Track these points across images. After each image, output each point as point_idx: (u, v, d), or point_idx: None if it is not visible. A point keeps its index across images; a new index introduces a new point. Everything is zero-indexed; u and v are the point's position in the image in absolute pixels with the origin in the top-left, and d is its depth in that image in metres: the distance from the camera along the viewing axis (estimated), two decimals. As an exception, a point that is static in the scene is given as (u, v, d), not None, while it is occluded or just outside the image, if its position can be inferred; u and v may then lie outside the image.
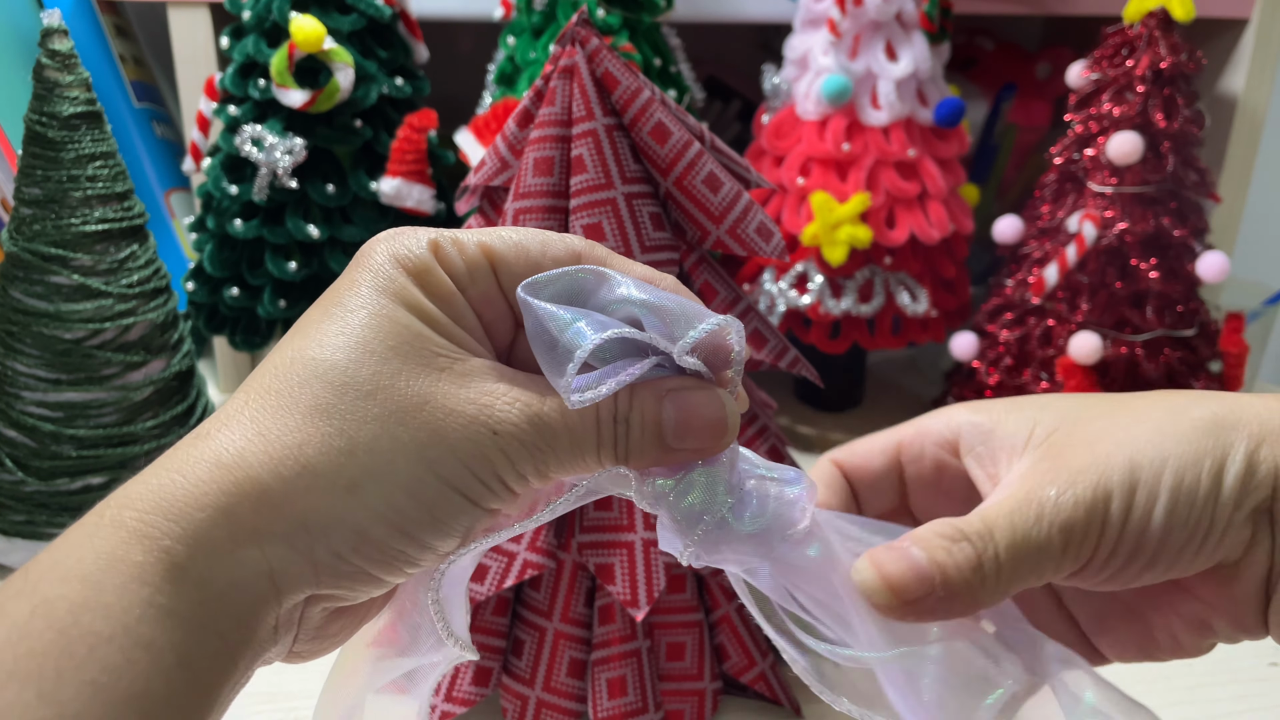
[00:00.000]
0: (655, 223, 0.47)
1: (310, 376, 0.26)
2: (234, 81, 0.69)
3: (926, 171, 0.72)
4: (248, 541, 0.25)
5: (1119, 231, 0.66)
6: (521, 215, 0.46)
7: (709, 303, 0.49)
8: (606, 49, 0.45)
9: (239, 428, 0.26)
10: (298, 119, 0.68)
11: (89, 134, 0.57)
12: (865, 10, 0.69)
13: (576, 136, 0.46)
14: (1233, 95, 0.82)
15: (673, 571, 0.48)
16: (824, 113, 0.71)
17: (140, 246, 0.60)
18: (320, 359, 0.26)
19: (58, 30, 0.56)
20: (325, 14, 0.68)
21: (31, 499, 0.59)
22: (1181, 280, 0.67)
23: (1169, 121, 0.65)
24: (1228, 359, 0.69)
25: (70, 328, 0.58)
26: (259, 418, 0.26)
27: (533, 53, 0.71)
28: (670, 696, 0.50)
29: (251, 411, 0.26)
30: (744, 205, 0.47)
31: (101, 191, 0.58)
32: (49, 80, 0.56)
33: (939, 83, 0.73)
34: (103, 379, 0.59)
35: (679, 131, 0.46)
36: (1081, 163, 0.68)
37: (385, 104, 0.71)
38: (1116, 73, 0.66)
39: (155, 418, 0.61)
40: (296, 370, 0.26)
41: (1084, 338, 0.66)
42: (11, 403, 0.59)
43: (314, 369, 0.26)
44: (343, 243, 0.70)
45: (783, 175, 0.73)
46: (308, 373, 0.26)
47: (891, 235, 0.71)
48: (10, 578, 0.25)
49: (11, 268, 0.58)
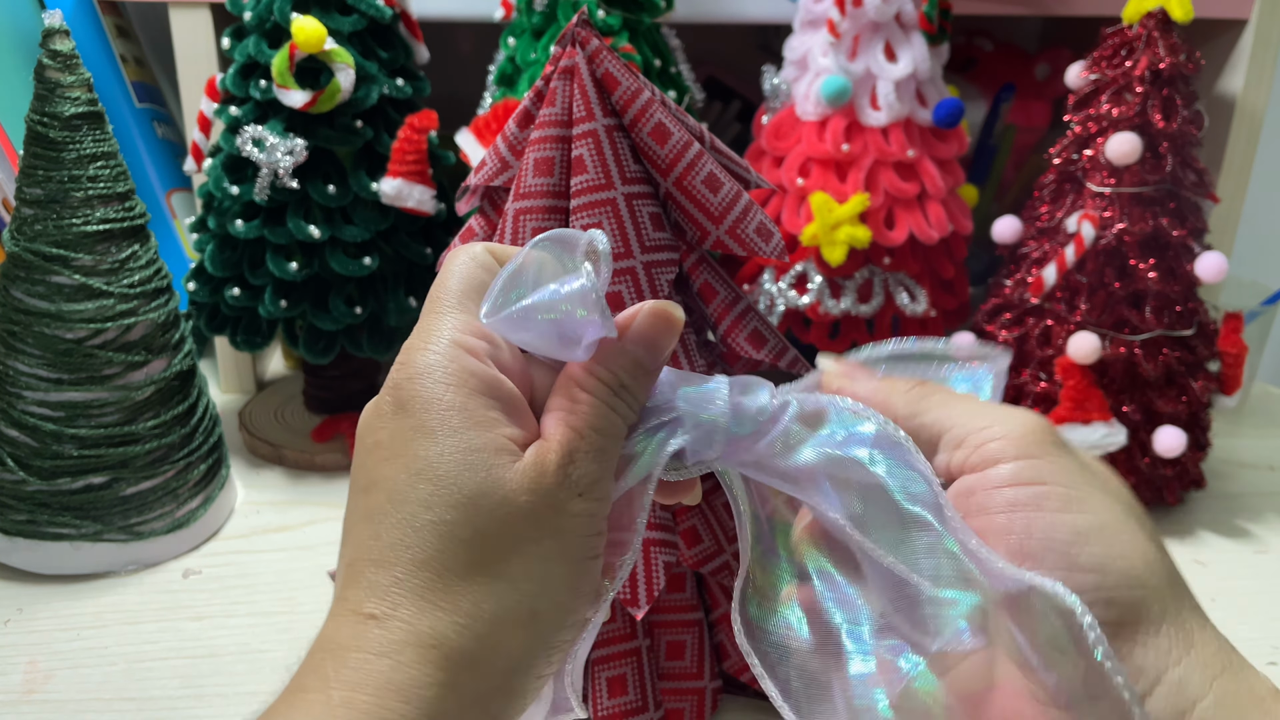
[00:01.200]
0: (655, 223, 0.47)
1: (447, 539, 0.28)
2: (235, 82, 0.69)
3: (925, 172, 0.72)
4: (472, 705, 0.28)
5: (1118, 232, 0.66)
6: (522, 215, 0.47)
7: (709, 302, 0.49)
8: (607, 50, 0.46)
9: (413, 605, 0.28)
10: (299, 119, 0.68)
11: (90, 134, 0.57)
12: (864, 11, 0.69)
13: (577, 137, 0.46)
14: (1231, 96, 0.82)
15: (673, 571, 0.48)
16: (823, 113, 0.72)
17: (141, 246, 0.61)
18: (444, 520, 0.28)
19: (59, 31, 0.56)
20: (326, 15, 0.68)
21: (33, 498, 0.59)
22: (1180, 280, 0.67)
23: (1168, 122, 0.65)
24: (1226, 359, 0.70)
25: (72, 327, 0.58)
26: (428, 592, 0.28)
27: (533, 53, 0.71)
28: (670, 695, 0.50)
29: (415, 585, 0.28)
30: (744, 205, 0.47)
31: (103, 192, 0.58)
32: (50, 80, 0.56)
33: (938, 83, 0.74)
34: (104, 379, 0.59)
35: (679, 132, 0.46)
36: (1080, 163, 0.68)
37: (386, 104, 0.72)
38: (1115, 73, 0.67)
39: (156, 417, 0.61)
40: (429, 538, 0.28)
41: (1083, 338, 0.66)
42: (13, 402, 0.59)
43: (444, 531, 0.28)
44: (343, 243, 0.70)
45: (782, 176, 0.73)
46: (441, 538, 0.28)
47: (890, 235, 0.71)
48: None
49: (13, 268, 0.58)
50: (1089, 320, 0.67)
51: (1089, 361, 0.66)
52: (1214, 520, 0.72)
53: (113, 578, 0.61)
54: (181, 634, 0.57)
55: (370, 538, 0.28)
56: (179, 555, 0.64)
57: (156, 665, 0.54)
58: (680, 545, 0.48)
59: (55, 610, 0.58)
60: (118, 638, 0.56)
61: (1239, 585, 0.64)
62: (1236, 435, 0.85)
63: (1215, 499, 0.74)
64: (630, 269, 0.46)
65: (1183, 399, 0.68)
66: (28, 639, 0.56)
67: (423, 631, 0.27)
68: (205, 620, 0.58)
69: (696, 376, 0.33)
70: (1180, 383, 0.68)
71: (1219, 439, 0.79)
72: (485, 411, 0.29)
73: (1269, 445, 0.83)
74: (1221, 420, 0.85)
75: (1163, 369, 0.67)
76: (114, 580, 0.61)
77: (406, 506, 0.28)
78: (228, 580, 0.62)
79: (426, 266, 0.75)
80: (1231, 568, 0.66)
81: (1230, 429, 0.85)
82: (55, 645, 0.55)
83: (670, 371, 0.33)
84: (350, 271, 0.69)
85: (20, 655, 0.54)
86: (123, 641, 0.56)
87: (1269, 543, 0.69)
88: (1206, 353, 0.69)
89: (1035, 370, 0.70)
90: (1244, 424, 0.87)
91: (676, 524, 0.48)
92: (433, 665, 0.27)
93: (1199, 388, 0.68)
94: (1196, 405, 0.69)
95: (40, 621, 0.57)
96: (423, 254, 0.73)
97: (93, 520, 0.60)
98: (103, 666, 0.54)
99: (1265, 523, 0.72)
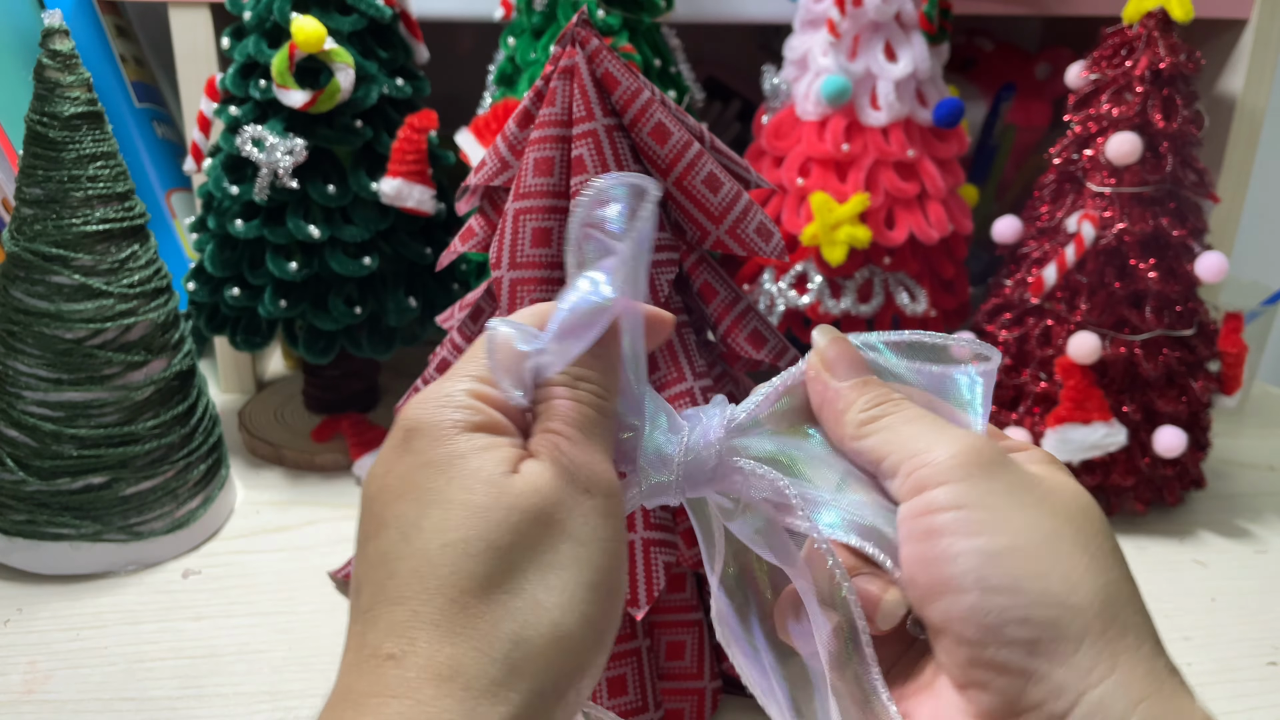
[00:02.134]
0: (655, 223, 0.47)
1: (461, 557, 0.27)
2: (235, 82, 0.69)
3: (926, 172, 0.72)
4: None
5: (1118, 231, 0.66)
6: (522, 215, 0.47)
7: (709, 302, 0.49)
8: (606, 50, 0.46)
9: (430, 636, 0.27)
10: (298, 119, 0.68)
11: (90, 134, 0.57)
12: (864, 11, 0.69)
13: (577, 137, 0.46)
14: (1231, 95, 0.82)
15: (672, 571, 0.48)
16: (823, 113, 0.72)
17: (141, 246, 0.61)
18: (455, 541, 0.27)
19: (59, 30, 0.56)
20: (326, 14, 0.68)
21: (33, 498, 0.59)
22: (1180, 280, 0.67)
23: (1168, 122, 0.65)
24: (1226, 359, 0.70)
25: (71, 327, 0.58)
26: (444, 619, 0.27)
27: (533, 53, 0.71)
28: (670, 695, 0.50)
29: (430, 614, 0.27)
30: (744, 205, 0.47)
31: (102, 191, 0.58)
32: (50, 80, 0.56)
33: (938, 83, 0.74)
34: (104, 379, 0.59)
35: (679, 132, 0.46)
36: (1080, 163, 0.68)
37: (386, 104, 0.72)
38: (1115, 73, 0.67)
39: (156, 417, 0.61)
40: (442, 562, 0.27)
41: (1083, 338, 0.66)
42: (13, 402, 0.59)
43: (456, 551, 0.27)
44: (343, 242, 0.70)
45: (782, 176, 0.73)
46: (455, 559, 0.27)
47: (891, 235, 0.71)
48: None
49: (13, 267, 0.58)
50: (1089, 320, 0.67)
51: (1089, 361, 0.66)
52: (1214, 520, 0.72)
53: (112, 578, 0.61)
54: (181, 634, 0.57)
55: (385, 578, 0.28)
56: (179, 555, 0.64)
57: (156, 665, 0.54)
58: (680, 545, 0.48)
59: (55, 610, 0.58)
60: (117, 638, 0.56)
61: (1239, 585, 0.64)
62: (1236, 435, 0.85)
63: (1215, 499, 0.74)
64: (630, 269, 0.46)
65: (1183, 399, 0.68)
66: (27, 639, 0.56)
67: (440, 663, 0.26)
68: (205, 620, 0.58)
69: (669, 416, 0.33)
70: (1180, 383, 0.68)
71: (1219, 439, 0.79)
72: (489, 438, 0.29)
73: (1269, 445, 0.83)
74: (1221, 420, 0.85)
75: (1163, 369, 0.67)
76: (114, 580, 0.61)
77: (420, 537, 0.28)
78: (227, 580, 0.62)
79: (426, 266, 0.75)
80: (1231, 568, 0.66)
81: (1230, 429, 0.85)
82: (55, 645, 0.55)
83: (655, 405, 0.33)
84: (350, 271, 0.69)
85: (20, 655, 0.54)
86: (122, 641, 0.56)
87: (1269, 543, 0.69)
88: (1206, 353, 0.69)
89: (1035, 370, 0.70)
90: (1244, 424, 0.87)
91: (676, 524, 0.48)
92: (452, 698, 0.26)
93: (1199, 388, 0.68)
94: (1196, 405, 0.69)
95: (40, 621, 0.57)
96: (423, 254, 0.73)
97: (92, 520, 0.60)
98: (102, 666, 0.54)
99: (1265, 523, 0.72)
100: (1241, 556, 0.68)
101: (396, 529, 0.28)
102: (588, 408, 0.31)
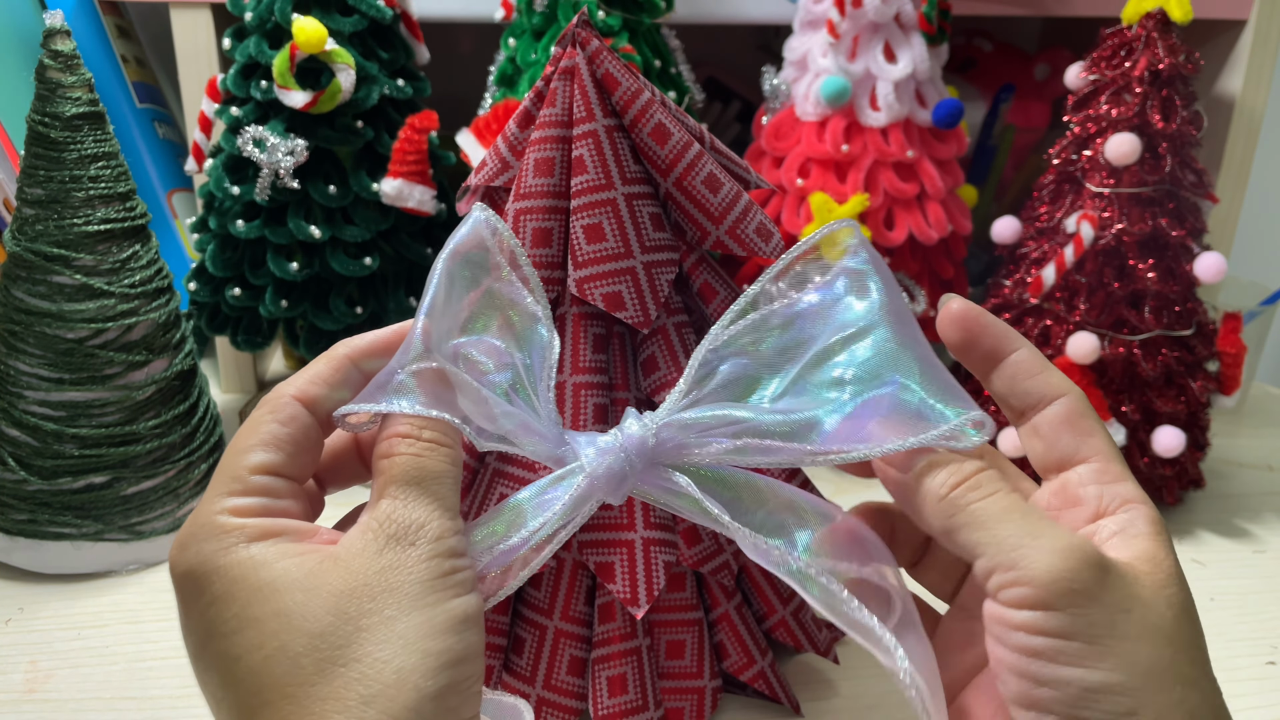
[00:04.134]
0: (655, 223, 0.47)
1: (283, 654, 0.28)
2: (236, 82, 0.70)
3: (925, 172, 0.72)
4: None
5: (1117, 232, 0.66)
6: (522, 216, 0.47)
7: (708, 302, 0.49)
8: (607, 50, 0.46)
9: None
10: (299, 120, 0.68)
11: (91, 134, 0.57)
12: (864, 12, 0.69)
13: (577, 137, 0.46)
14: (1230, 96, 0.82)
15: (672, 570, 0.48)
16: (823, 114, 0.72)
17: (142, 246, 0.61)
18: (276, 645, 0.29)
19: (60, 31, 0.56)
20: (327, 15, 0.68)
21: (34, 498, 0.60)
22: (1179, 280, 0.67)
23: (1167, 122, 0.65)
24: (1225, 359, 0.70)
25: (73, 327, 0.58)
26: (294, 712, 0.28)
27: (533, 54, 0.71)
28: (670, 694, 0.50)
29: (284, 714, 0.28)
30: (744, 206, 0.47)
31: (104, 192, 0.58)
32: (51, 81, 0.56)
33: (937, 84, 0.74)
34: (105, 378, 0.59)
35: (679, 132, 0.46)
36: (1079, 163, 0.69)
37: (387, 105, 0.72)
38: (1114, 74, 0.67)
39: (157, 417, 0.61)
40: (272, 669, 0.28)
41: (1082, 338, 0.66)
42: (14, 402, 0.59)
43: (277, 649, 0.29)
44: (344, 243, 0.70)
45: (782, 176, 0.73)
46: (282, 660, 0.28)
47: (890, 236, 0.71)
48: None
49: (14, 267, 0.58)
50: (1088, 320, 0.67)
51: (1088, 361, 0.66)
52: (1213, 520, 0.72)
53: (114, 577, 0.61)
54: (182, 633, 0.57)
55: (231, 710, 0.29)
56: (180, 555, 0.64)
57: (157, 664, 0.54)
58: (680, 545, 0.48)
59: (56, 610, 0.58)
60: (119, 637, 0.56)
61: (1238, 585, 0.65)
62: (1235, 435, 0.85)
63: (1214, 499, 0.75)
64: (630, 269, 0.46)
65: (1182, 399, 0.68)
66: (29, 638, 0.56)
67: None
68: (206, 619, 0.58)
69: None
70: (1179, 383, 0.68)
71: (1218, 439, 0.80)
72: (264, 546, 0.30)
73: (1268, 445, 0.84)
74: (1220, 420, 0.85)
75: (1162, 369, 0.67)
76: (115, 580, 0.61)
77: (239, 664, 0.29)
78: (228, 580, 0.62)
79: (427, 266, 0.75)
80: (1230, 567, 0.67)
81: (1229, 429, 0.85)
82: (56, 644, 0.55)
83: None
84: (351, 272, 0.70)
85: (21, 654, 0.54)
86: (124, 641, 0.56)
87: (1268, 542, 0.69)
88: (1205, 353, 0.69)
89: (1034, 370, 0.70)
90: (1243, 424, 0.87)
91: (676, 524, 0.49)
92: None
93: (1198, 388, 0.69)
94: (1195, 405, 0.69)
95: (41, 621, 0.57)
96: (423, 254, 0.74)
97: (94, 520, 0.60)
98: (104, 666, 0.54)
99: (1264, 522, 0.72)
100: (1240, 556, 0.68)
101: (218, 670, 0.29)
102: (424, 460, 0.32)
